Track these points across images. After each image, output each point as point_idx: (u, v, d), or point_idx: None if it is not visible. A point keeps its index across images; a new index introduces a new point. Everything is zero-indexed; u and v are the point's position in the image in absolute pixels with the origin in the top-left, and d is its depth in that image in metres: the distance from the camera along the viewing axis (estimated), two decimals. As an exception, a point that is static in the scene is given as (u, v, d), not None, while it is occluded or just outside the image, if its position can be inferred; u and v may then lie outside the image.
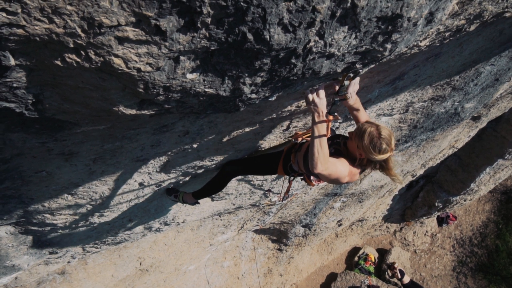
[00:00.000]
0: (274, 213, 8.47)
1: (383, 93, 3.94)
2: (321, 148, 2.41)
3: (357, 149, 2.59)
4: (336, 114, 2.69)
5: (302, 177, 3.62)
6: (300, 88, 1.99)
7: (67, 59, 1.26)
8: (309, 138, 3.24)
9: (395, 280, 12.65)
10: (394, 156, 2.74)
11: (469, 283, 13.50)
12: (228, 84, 1.60)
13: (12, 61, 1.24)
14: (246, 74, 1.56)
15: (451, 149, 9.54)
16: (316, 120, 2.39)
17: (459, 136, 8.53)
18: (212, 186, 4.10)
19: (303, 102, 3.10)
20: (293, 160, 3.37)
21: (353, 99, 2.69)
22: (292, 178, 3.71)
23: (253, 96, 1.74)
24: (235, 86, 1.62)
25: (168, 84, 1.47)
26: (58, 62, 1.27)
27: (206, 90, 1.57)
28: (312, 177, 3.38)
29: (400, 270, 12.39)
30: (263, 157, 3.76)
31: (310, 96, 2.28)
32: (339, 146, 2.85)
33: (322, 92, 2.29)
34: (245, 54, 1.45)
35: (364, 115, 2.91)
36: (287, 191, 4.18)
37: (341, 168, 2.62)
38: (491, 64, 4.40)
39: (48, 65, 1.30)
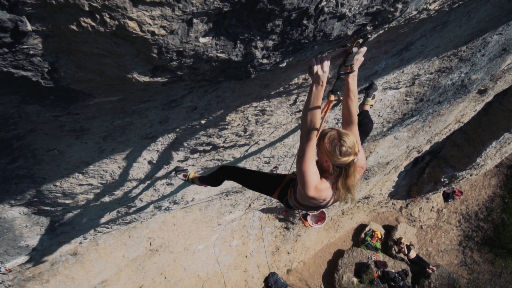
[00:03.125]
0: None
1: (390, 64, 3.92)
2: (312, 118, 2.35)
3: (322, 155, 2.51)
4: (338, 93, 2.65)
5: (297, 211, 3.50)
6: (310, 53, 1.99)
7: (83, 23, 1.27)
8: None
9: (401, 255, 12.82)
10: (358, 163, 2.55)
11: (475, 257, 13.63)
12: (240, 48, 1.61)
13: (29, 26, 1.25)
14: (258, 37, 1.57)
15: (457, 123, 9.51)
16: (314, 89, 2.32)
17: (465, 110, 8.50)
18: (210, 179, 4.19)
19: (310, 75, 3.09)
20: (289, 195, 3.26)
21: (356, 74, 2.57)
22: (287, 210, 3.64)
23: (265, 61, 1.74)
24: (247, 50, 1.62)
25: (181, 49, 1.48)
26: (74, 27, 1.29)
27: (219, 54, 1.58)
28: (308, 217, 3.19)
29: (407, 246, 12.54)
30: (263, 176, 3.63)
31: (315, 68, 2.21)
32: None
33: (326, 65, 2.22)
34: (257, 16, 1.45)
35: (355, 108, 2.68)
36: (283, 211, 4.16)
37: (313, 169, 2.44)
38: (499, 33, 4.35)
39: (63, 31, 1.31)
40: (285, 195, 3.33)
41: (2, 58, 1.33)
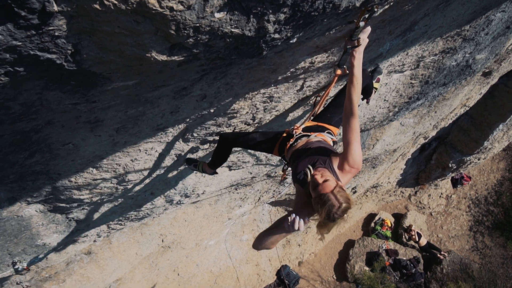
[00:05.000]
0: (289, 183, 8.58)
1: (394, 46, 3.96)
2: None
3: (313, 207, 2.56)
4: (345, 67, 2.69)
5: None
6: (319, 28, 2.04)
7: (105, 2, 1.33)
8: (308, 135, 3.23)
9: (412, 243, 12.83)
10: None
11: (487, 242, 13.61)
12: (253, 23, 1.66)
13: (55, 7, 1.31)
14: (270, 11, 1.62)
15: (462, 108, 9.50)
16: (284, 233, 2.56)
17: (470, 93, 8.49)
18: (215, 156, 4.03)
19: (316, 58, 3.14)
20: (286, 154, 3.26)
21: (360, 58, 2.51)
22: (286, 168, 3.57)
23: (276, 36, 1.80)
24: (260, 24, 1.68)
25: (197, 24, 1.53)
26: (97, 6, 1.35)
27: (233, 30, 1.64)
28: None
29: (417, 233, 12.54)
30: (262, 133, 3.61)
31: (296, 224, 2.36)
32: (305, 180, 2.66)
33: (302, 226, 2.40)
34: (270, -12, 1.51)
35: (356, 97, 2.58)
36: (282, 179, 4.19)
37: None
38: (502, 10, 4.36)
39: (87, 10, 1.37)
40: (283, 152, 3.32)
41: (29, 41, 1.39)
